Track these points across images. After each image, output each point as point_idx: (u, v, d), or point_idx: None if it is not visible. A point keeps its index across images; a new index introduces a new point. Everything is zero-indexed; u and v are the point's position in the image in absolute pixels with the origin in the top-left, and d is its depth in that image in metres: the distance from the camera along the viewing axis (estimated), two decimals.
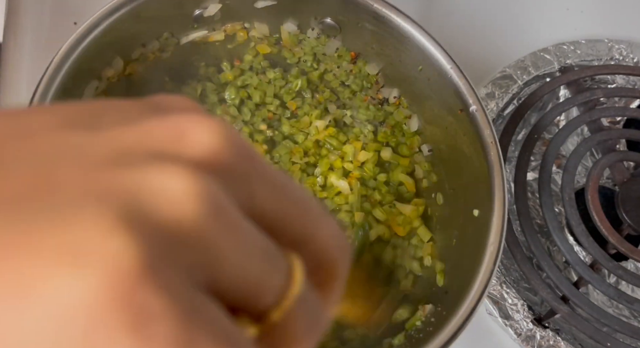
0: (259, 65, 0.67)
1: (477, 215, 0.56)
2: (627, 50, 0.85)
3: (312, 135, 0.67)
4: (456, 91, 0.58)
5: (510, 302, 0.68)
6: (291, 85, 0.67)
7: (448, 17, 0.85)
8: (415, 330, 0.58)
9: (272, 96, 0.67)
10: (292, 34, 0.66)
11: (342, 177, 0.65)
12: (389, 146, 0.67)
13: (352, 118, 0.68)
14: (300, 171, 0.66)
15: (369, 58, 0.66)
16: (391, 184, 0.66)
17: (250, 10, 0.63)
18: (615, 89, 0.82)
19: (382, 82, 0.67)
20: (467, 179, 0.60)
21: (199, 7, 0.62)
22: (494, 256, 0.51)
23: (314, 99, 0.68)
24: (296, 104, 0.68)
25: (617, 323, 0.66)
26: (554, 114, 0.77)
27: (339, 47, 0.66)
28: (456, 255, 0.60)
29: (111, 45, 0.57)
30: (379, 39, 0.63)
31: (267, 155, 0.66)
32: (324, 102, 0.68)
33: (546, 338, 0.67)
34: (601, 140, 0.76)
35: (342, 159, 0.66)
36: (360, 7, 0.60)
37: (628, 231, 0.70)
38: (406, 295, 0.62)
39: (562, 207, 0.72)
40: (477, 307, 0.50)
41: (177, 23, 0.62)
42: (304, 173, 0.66)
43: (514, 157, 0.76)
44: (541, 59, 0.83)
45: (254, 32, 0.66)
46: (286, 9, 0.64)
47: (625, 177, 0.74)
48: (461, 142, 0.59)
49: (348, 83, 0.68)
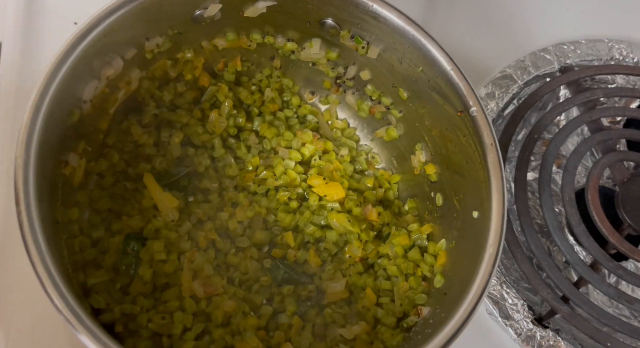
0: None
1: (476, 216, 0.56)
2: (627, 50, 0.85)
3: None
4: (456, 92, 0.58)
5: (510, 302, 0.68)
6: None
7: (448, 17, 0.85)
8: (413, 332, 0.58)
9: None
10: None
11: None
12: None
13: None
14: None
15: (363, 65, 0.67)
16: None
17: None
18: (615, 89, 0.82)
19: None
20: (466, 181, 0.59)
21: (199, 7, 0.62)
22: (493, 258, 0.51)
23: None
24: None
25: (617, 323, 0.66)
26: (554, 114, 0.77)
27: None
28: (455, 256, 0.60)
29: (111, 45, 0.57)
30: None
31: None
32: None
33: (546, 338, 0.67)
34: (601, 140, 0.76)
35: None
36: (360, 7, 0.60)
37: (628, 231, 0.70)
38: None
39: (562, 207, 0.72)
40: (475, 309, 0.50)
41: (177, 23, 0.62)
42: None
43: (514, 157, 0.76)
44: (541, 59, 0.83)
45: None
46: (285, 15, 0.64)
47: (625, 177, 0.74)
48: (460, 143, 0.59)
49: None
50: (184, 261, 0.62)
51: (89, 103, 0.58)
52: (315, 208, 0.67)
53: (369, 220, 0.67)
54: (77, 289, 0.55)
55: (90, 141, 0.61)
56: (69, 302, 0.44)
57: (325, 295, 0.64)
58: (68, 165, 0.57)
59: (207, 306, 0.61)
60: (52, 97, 0.51)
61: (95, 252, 0.60)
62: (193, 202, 0.67)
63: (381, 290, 0.64)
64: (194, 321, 0.60)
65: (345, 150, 0.72)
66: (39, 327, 0.60)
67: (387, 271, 0.64)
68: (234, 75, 0.71)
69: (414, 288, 0.62)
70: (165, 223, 0.64)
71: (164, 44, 0.63)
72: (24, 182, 0.48)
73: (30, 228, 0.46)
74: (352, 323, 0.62)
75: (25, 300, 0.61)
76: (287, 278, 0.64)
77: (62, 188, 0.56)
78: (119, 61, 0.59)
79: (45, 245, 0.46)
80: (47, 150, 0.51)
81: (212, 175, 0.69)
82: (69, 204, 0.58)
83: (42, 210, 0.48)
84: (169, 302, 0.60)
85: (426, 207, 0.68)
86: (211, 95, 0.71)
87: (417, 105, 0.65)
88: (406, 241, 0.65)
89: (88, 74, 0.57)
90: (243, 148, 0.71)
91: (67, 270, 0.54)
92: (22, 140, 0.49)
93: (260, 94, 0.72)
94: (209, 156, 0.70)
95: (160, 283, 0.61)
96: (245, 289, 0.64)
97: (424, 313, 0.58)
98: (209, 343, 0.59)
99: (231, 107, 0.70)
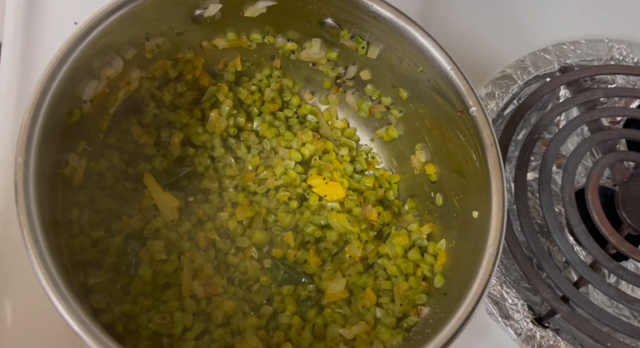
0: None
1: (476, 216, 0.56)
2: (627, 50, 0.85)
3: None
4: (456, 92, 0.58)
5: (510, 302, 0.68)
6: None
7: (448, 17, 0.85)
8: (413, 332, 0.58)
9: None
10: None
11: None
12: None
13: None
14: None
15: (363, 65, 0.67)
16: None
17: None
18: (615, 89, 0.82)
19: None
20: (466, 181, 0.59)
21: (199, 7, 0.62)
22: (492, 258, 0.51)
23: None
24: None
25: (617, 323, 0.66)
26: (554, 114, 0.77)
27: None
28: (455, 256, 0.60)
29: (111, 45, 0.57)
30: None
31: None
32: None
33: (546, 338, 0.67)
34: (601, 140, 0.76)
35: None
36: (360, 7, 0.60)
37: (628, 231, 0.70)
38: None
39: (562, 207, 0.72)
40: (475, 309, 0.50)
41: (177, 23, 0.62)
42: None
43: (514, 157, 0.76)
44: (541, 59, 0.83)
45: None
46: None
47: (625, 177, 0.74)
48: (460, 143, 0.59)
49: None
50: (184, 261, 0.62)
51: (89, 103, 0.58)
52: (315, 208, 0.67)
53: (369, 220, 0.67)
54: (77, 289, 0.54)
55: (90, 141, 0.60)
56: (69, 302, 0.44)
57: (325, 295, 0.64)
58: (68, 165, 0.57)
59: (207, 306, 0.61)
60: (52, 97, 0.51)
61: (95, 252, 0.59)
62: (193, 202, 0.67)
63: (381, 290, 0.64)
64: (194, 321, 0.60)
65: (345, 150, 0.72)
66: (39, 327, 0.60)
67: (387, 271, 0.64)
68: (234, 75, 0.71)
69: (414, 288, 0.62)
70: (165, 223, 0.64)
71: (164, 44, 0.63)
72: (24, 182, 0.48)
73: (30, 228, 0.46)
74: (352, 323, 0.62)
75: (25, 300, 0.61)
76: (287, 278, 0.64)
77: (62, 188, 0.56)
78: (119, 61, 0.59)
79: (45, 245, 0.46)
80: (47, 150, 0.51)
81: (212, 175, 0.69)
82: (69, 204, 0.58)
83: (42, 210, 0.48)
84: (169, 302, 0.60)
85: (426, 207, 0.68)
86: (211, 95, 0.71)
87: (417, 105, 0.65)
88: (406, 241, 0.65)
89: (88, 74, 0.57)
90: (243, 148, 0.71)
91: (67, 270, 0.54)
92: (22, 140, 0.49)
93: (260, 94, 0.72)
94: (209, 156, 0.70)
95: (160, 283, 0.61)
96: (245, 289, 0.64)
97: (424, 313, 0.58)
98: (209, 343, 0.59)
99: (231, 107, 0.70)
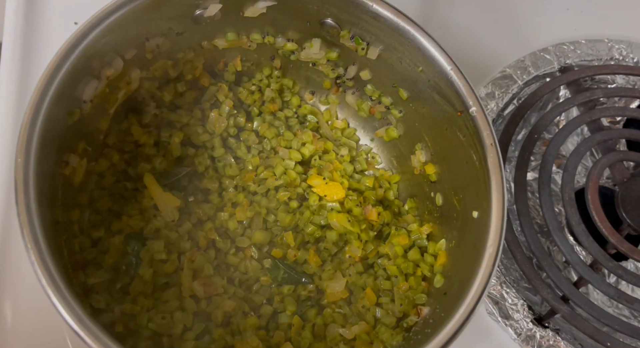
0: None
1: (476, 216, 0.56)
2: (627, 50, 0.85)
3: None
4: (456, 92, 0.58)
5: (510, 302, 0.68)
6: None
7: (448, 17, 0.85)
8: (413, 332, 0.58)
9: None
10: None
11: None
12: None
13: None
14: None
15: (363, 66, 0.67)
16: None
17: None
18: (615, 89, 0.82)
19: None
20: (466, 181, 0.59)
21: (199, 7, 0.62)
22: (492, 258, 0.51)
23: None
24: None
25: (617, 323, 0.66)
26: (554, 114, 0.77)
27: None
28: (455, 256, 0.60)
29: (111, 45, 0.57)
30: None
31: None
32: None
33: (546, 338, 0.67)
34: (601, 140, 0.76)
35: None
36: (360, 7, 0.60)
37: (628, 231, 0.70)
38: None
39: (562, 207, 0.72)
40: (475, 309, 0.50)
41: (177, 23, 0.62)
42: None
43: (514, 157, 0.76)
44: (541, 59, 0.83)
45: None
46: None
47: (625, 177, 0.74)
48: (460, 143, 0.59)
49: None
50: (184, 261, 0.62)
51: (89, 103, 0.58)
52: (315, 208, 0.67)
53: (369, 220, 0.67)
54: (77, 289, 0.55)
55: (90, 141, 0.60)
56: (69, 302, 0.44)
57: (325, 295, 0.64)
58: (68, 165, 0.57)
59: (207, 306, 0.61)
60: (52, 97, 0.51)
61: (96, 252, 0.60)
62: (193, 202, 0.67)
63: (381, 290, 0.64)
64: (194, 321, 0.60)
65: (345, 150, 0.72)
66: (39, 327, 0.60)
67: (387, 271, 0.64)
68: (234, 75, 0.71)
69: (414, 288, 0.62)
70: (165, 223, 0.64)
71: (164, 44, 0.63)
72: (24, 182, 0.48)
73: (30, 228, 0.46)
74: (352, 323, 0.62)
75: (25, 300, 0.61)
76: (287, 278, 0.64)
77: (62, 188, 0.56)
78: (119, 61, 0.59)
79: (45, 245, 0.46)
80: (47, 150, 0.51)
81: (212, 175, 0.69)
82: (69, 204, 0.58)
83: (42, 210, 0.48)
84: (169, 301, 0.60)
85: (426, 207, 0.68)
86: (211, 95, 0.71)
87: (417, 105, 0.65)
88: (406, 241, 0.65)
89: (88, 74, 0.57)
90: (243, 148, 0.71)
91: (67, 270, 0.54)
92: (22, 140, 0.49)
93: (260, 94, 0.72)
94: (209, 156, 0.70)
95: (160, 283, 0.61)
96: (245, 289, 0.64)
97: (424, 313, 0.58)
98: (209, 343, 0.59)
99: (231, 107, 0.70)
